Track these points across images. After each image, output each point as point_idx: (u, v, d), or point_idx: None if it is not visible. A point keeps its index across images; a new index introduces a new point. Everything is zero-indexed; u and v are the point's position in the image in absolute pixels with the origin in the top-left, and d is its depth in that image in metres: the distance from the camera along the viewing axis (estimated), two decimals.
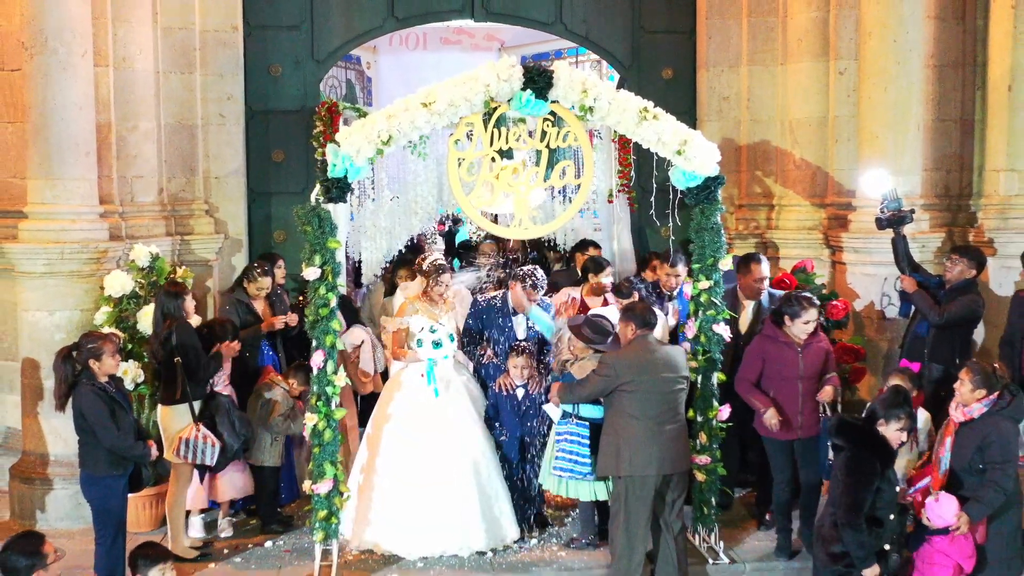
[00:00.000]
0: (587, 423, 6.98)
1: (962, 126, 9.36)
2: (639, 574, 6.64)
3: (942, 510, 6.04)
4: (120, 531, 6.51)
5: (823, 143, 9.23)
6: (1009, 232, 8.85)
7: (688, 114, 9.46)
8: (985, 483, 6.07)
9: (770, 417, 6.96)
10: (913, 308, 8.08)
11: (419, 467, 7.19)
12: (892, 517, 5.89)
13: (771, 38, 9.41)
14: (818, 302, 7.28)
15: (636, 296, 7.75)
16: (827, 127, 9.19)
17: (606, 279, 8.07)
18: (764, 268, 7.86)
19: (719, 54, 9.54)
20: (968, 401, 6.15)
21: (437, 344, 7.26)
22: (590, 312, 7.41)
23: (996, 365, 6.39)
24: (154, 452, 6.68)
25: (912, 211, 8.12)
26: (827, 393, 7.06)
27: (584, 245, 9.17)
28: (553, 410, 7.18)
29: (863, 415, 6.13)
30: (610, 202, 9.67)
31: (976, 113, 9.31)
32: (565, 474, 7.02)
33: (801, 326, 7.00)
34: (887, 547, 5.90)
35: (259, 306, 8.12)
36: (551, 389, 7.15)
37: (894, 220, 7.98)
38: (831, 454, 6.77)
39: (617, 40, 9.77)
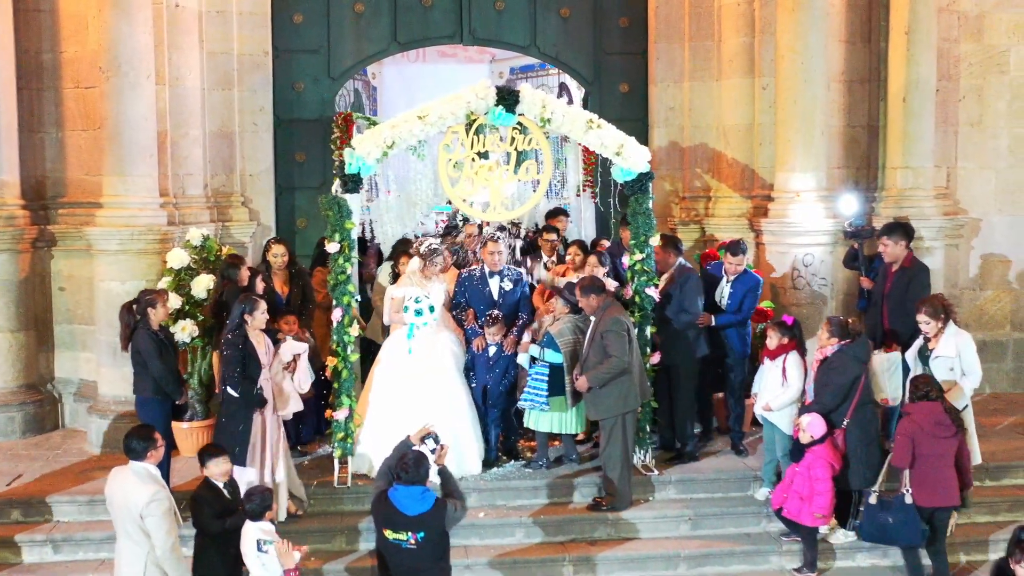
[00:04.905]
0: (547, 366, 8.78)
1: (869, 131, 11.11)
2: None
3: (814, 426, 7.91)
4: (170, 444, 8.28)
5: (750, 146, 10.90)
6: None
7: (641, 121, 11.26)
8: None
9: None
10: (868, 295, 9.69)
11: (401, 409, 8.62)
12: None
13: (708, 59, 11.06)
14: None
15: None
16: (753, 132, 10.86)
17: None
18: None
19: (666, 72, 11.21)
20: (825, 345, 8.07)
21: (419, 312, 8.81)
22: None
23: (850, 319, 8.28)
24: (185, 395, 8.55)
25: (874, 229, 9.65)
26: None
27: (548, 229, 10.71)
28: (523, 358, 8.96)
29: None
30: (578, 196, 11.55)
31: (880, 120, 11.02)
32: (526, 403, 8.82)
33: None
34: None
35: (279, 279, 9.60)
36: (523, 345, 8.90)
37: (857, 234, 9.66)
38: None
39: (582, 60, 11.52)
